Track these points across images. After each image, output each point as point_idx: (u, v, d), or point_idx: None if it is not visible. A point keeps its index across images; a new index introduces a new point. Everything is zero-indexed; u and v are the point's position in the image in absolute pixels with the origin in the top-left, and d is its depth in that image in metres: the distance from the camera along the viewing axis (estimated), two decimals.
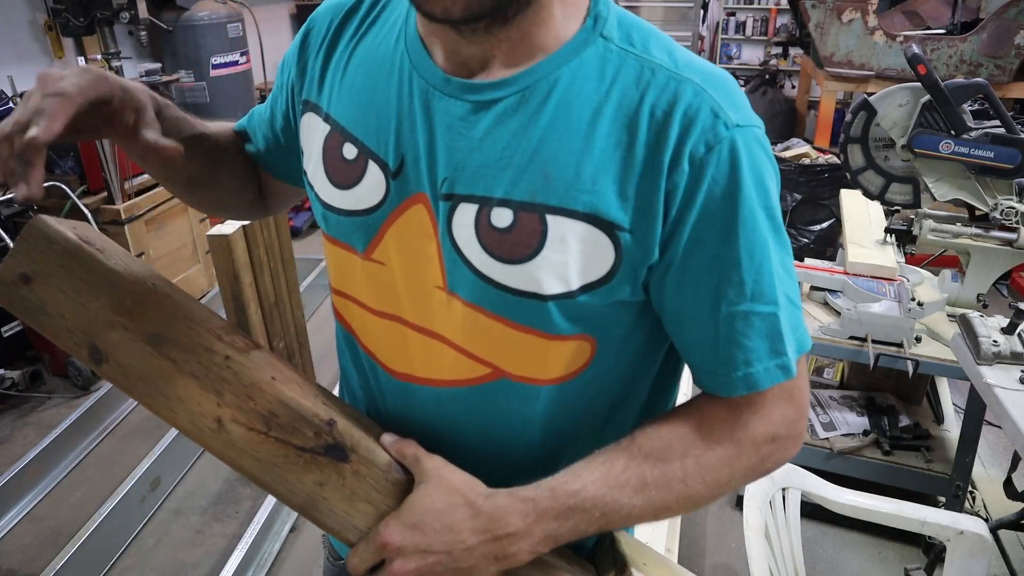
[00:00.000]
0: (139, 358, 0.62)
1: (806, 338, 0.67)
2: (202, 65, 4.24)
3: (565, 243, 0.60)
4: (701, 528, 2.36)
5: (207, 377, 0.62)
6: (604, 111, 0.60)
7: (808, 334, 0.68)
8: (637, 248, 0.61)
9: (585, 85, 0.61)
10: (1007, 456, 2.59)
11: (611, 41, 0.62)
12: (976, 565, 1.40)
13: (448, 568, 0.62)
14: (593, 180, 0.60)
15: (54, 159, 3.27)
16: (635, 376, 0.72)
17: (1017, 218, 1.95)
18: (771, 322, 0.63)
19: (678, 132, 0.59)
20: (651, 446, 0.65)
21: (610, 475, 0.63)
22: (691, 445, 0.65)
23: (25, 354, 3.21)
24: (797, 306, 0.66)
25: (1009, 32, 3.91)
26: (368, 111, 0.67)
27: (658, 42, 0.63)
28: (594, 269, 0.61)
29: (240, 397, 0.63)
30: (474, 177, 0.62)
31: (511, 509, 0.62)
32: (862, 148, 2.12)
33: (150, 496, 2.43)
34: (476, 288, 0.64)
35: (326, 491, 0.64)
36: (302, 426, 0.63)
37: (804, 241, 3.98)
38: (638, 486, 0.63)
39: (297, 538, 2.31)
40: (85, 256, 0.62)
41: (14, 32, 3.57)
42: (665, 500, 0.64)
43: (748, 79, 6.55)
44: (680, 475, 0.64)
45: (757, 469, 0.68)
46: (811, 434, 2.31)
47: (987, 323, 1.64)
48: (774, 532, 1.37)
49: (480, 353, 0.67)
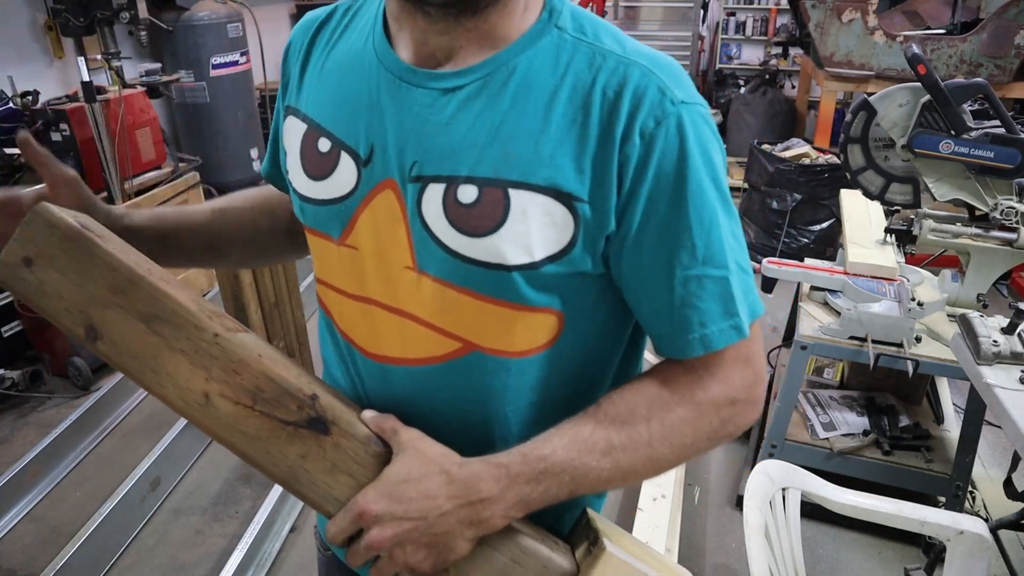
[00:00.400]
0: (132, 336, 0.65)
1: (758, 304, 0.71)
2: (202, 65, 4.24)
3: (527, 215, 0.64)
4: (701, 528, 2.36)
5: (196, 353, 0.66)
6: (560, 93, 0.65)
7: (760, 302, 0.72)
8: (594, 218, 0.65)
9: (542, 70, 0.66)
10: (1007, 456, 2.59)
11: (565, 31, 0.67)
12: (976, 565, 1.40)
13: (424, 534, 0.64)
14: (551, 156, 0.64)
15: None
16: (602, 352, 0.76)
17: (1017, 218, 1.95)
18: (723, 285, 0.67)
19: (628, 109, 0.64)
20: (616, 411, 0.68)
21: (578, 439, 0.66)
22: (654, 408, 0.69)
23: (25, 354, 3.21)
24: (748, 273, 0.70)
25: (1009, 32, 3.91)
26: (340, 107, 0.72)
27: (608, 32, 0.69)
28: (555, 240, 0.65)
29: (227, 372, 0.66)
30: (441, 159, 0.66)
31: (484, 475, 0.65)
32: (862, 148, 2.12)
33: (150, 496, 2.43)
34: (444, 264, 0.67)
35: (308, 463, 0.66)
36: (286, 400, 0.66)
37: (804, 241, 3.98)
38: (605, 449, 0.66)
39: (297, 538, 2.31)
40: (85, 240, 0.65)
41: (14, 32, 3.57)
42: (632, 462, 0.68)
43: (748, 79, 6.55)
44: (645, 438, 0.68)
45: (719, 432, 0.71)
46: (811, 434, 2.31)
47: (987, 323, 1.64)
48: (774, 532, 1.37)
49: (450, 328, 0.70)
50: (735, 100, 6.08)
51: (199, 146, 4.41)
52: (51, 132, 3.21)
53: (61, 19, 3.16)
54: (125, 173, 3.33)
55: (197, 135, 4.47)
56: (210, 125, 4.42)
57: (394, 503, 0.64)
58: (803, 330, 2.13)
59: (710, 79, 6.97)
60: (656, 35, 6.30)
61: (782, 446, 2.25)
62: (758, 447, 2.54)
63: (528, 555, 0.68)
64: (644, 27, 6.32)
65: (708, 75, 7.03)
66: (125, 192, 3.33)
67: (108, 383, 2.97)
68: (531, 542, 0.69)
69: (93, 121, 3.14)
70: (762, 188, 4.06)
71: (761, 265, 2.22)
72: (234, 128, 4.51)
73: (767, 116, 5.85)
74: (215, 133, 4.44)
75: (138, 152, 3.43)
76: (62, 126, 3.19)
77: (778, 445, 2.25)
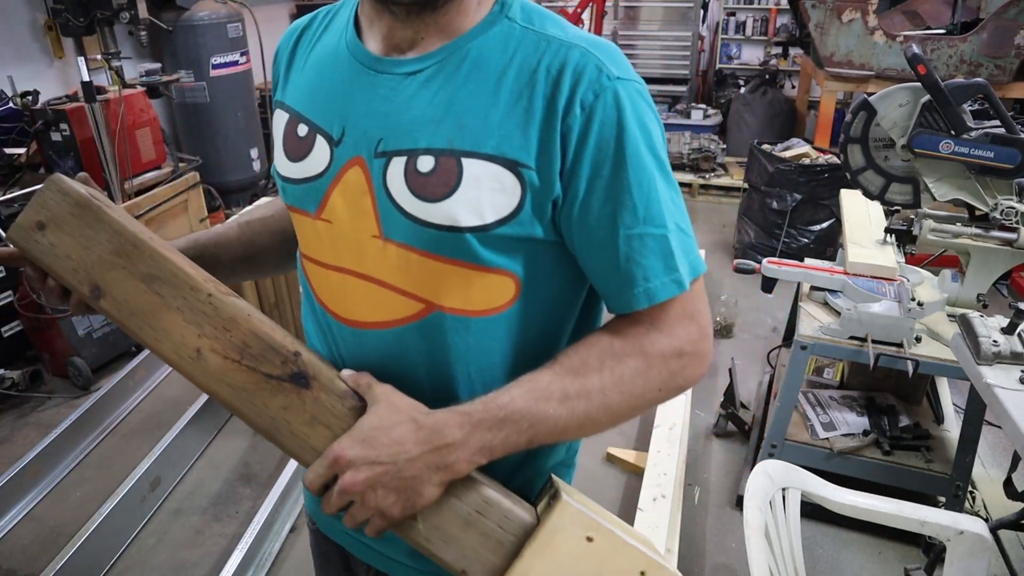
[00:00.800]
0: (133, 294, 0.73)
1: (700, 263, 0.77)
2: (202, 65, 4.24)
3: (479, 181, 0.71)
4: (701, 528, 2.36)
5: (190, 311, 0.73)
6: (508, 73, 0.72)
7: (702, 261, 0.78)
8: (540, 183, 0.72)
9: (492, 54, 0.73)
10: (1007, 456, 2.59)
11: (514, 22, 0.75)
12: (976, 565, 1.40)
13: (395, 477, 0.69)
14: (500, 127, 0.71)
15: (54, 159, 3.27)
16: (559, 317, 0.83)
17: (1017, 218, 1.95)
18: (663, 243, 0.73)
19: (570, 85, 0.71)
20: (571, 363, 0.74)
21: (536, 389, 0.72)
22: (606, 359, 0.74)
23: (25, 354, 3.21)
24: (688, 235, 0.76)
25: (1009, 32, 3.91)
26: (316, 96, 0.81)
27: (553, 22, 0.76)
28: (504, 204, 0.72)
29: (218, 329, 0.72)
30: (403, 134, 0.73)
31: (449, 421, 0.70)
32: (862, 148, 2.12)
33: (150, 496, 2.43)
34: (406, 230, 0.74)
35: (289, 415, 0.72)
36: (271, 355, 0.72)
37: (804, 241, 3.98)
38: (561, 398, 0.72)
39: (297, 538, 2.31)
40: (94, 207, 0.73)
41: (14, 32, 3.57)
42: (586, 409, 0.73)
43: (748, 79, 6.55)
44: (598, 386, 0.73)
45: (669, 384, 0.76)
46: (811, 434, 2.31)
47: (987, 323, 1.64)
48: (774, 532, 1.37)
49: (413, 289, 0.76)
50: (735, 100, 6.08)
51: (199, 146, 4.41)
52: (51, 132, 3.22)
53: (61, 19, 3.17)
54: (125, 173, 3.33)
55: (197, 135, 4.47)
56: (210, 125, 4.42)
57: (366, 448, 0.69)
58: (803, 330, 2.14)
59: (710, 79, 6.97)
60: (656, 35, 6.29)
61: (782, 446, 2.25)
62: (758, 447, 2.54)
63: (491, 506, 0.73)
64: (644, 27, 6.32)
65: (708, 75, 7.03)
66: (125, 192, 3.33)
67: (108, 383, 2.97)
68: (494, 494, 0.74)
69: (93, 121, 3.14)
70: (762, 188, 4.06)
71: (761, 265, 2.22)
72: (234, 128, 4.51)
73: (767, 116, 5.85)
74: (215, 133, 4.44)
75: (138, 152, 3.44)
76: (62, 126, 3.19)
77: (778, 445, 2.25)
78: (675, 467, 2.16)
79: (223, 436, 2.84)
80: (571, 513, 0.73)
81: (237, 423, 2.91)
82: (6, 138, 3.33)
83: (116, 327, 3.39)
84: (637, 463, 2.57)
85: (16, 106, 3.36)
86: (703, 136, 5.59)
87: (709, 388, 3.12)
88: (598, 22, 5.31)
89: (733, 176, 5.43)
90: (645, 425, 2.85)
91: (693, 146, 5.52)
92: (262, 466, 2.65)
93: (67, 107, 3.18)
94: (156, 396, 3.10)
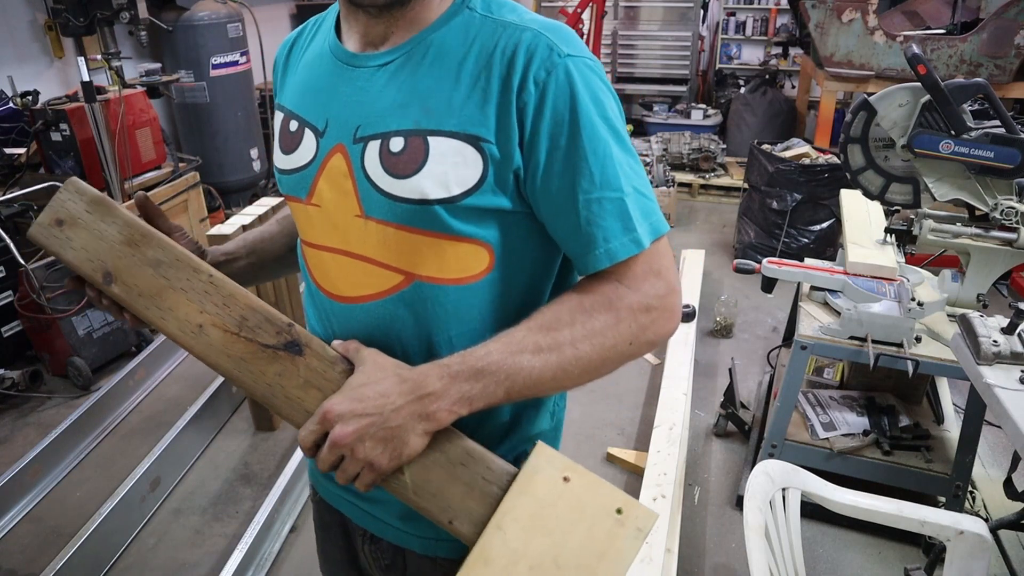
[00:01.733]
0: (141, 278, 0.81)
1: (661, 224, 0.81)
2: (202, 65, 4.24)
3: (444, 157, 0.77)
4: (701, 528, 2.36)
5: (193, 291, 0.80)
6: (468, 58, 0.79)
7: (664, 222, 0.81)
8: (500, 155, 0.77)
9: (453, 42, 0.80)
10: (1007, 456, 2.59)
11: (475, 11, 0.81)
12: (976, 565, 1.40)
13: (381, 428, 0.74)
14: (461, 107, 0.77)
15: (54, 159, 3.28)
16: (535, 284, 0.88)
17: (1017, 218, 1.95)
18: (619, 205, 0.78)
19: (523, 63, 0.76)
20: (543, 319, 0.78)
21: (511, 343, 0.76)
22: (576, 314, 0.78)
23: (25, 354, 3.21)
24: (648, 198, 0.80)
25: (1009, 32, 3.91)
26: (305, 94, 0.89)
27: (511, 9, 0.82)
28: (469, 176, 0.77)
29: (218, 306, 0.80)
30: (376, 120, 0.80)
31: (430, 373, 0.75)
32: (862, 148, 2.12)
33: (150, 496, 2.43)
34: (383, 206, 0.80)
35: (284, 380, 0.79)
36: (267, 327, 0.80)
37: (804, 241, 3.99)
38: (534, 350, 0.76)
39: (297, 538, 2.31)
40: (107, 204, 0.83)
41: (14, 32, 3.57)
42: (560, 362, 0.76)
43: (748, 79, 6.55)
44: (569, 339, 0.77)
45: (639, 337, 0.80)
46: (811, 434, 2.31)
47: (987, 323, 1.64)
48: (774, 532, 1.37)
49: (392, 262, 0.82)
50: (735, 100, 6.08)
51: (199, 146, 4.41)
52: (51, 132, 3.22)
53: (61, 19, 3.17)
54: (125, 173, 3.33)
55: (197, 135, 4.47)
56: (210, 125, 4.42)
57: (354, 403, 0.74)
58: (803, 330, 2.14)
59: (710, 79, 6.97)
60: (656, 35, 6.29)
61: (782, 446, 2.25)
62: (758, 447, 2.54)
63: (474, 458, 0.78)
64: (644, 27, 6.31)
65: (708, 75, 7.03)
66: (125, 192, 3.33)
67: (108, 383, 2.97)
68: (477, 447, 0.78)
69: (93, 121, 3.14)
70: (762, 188, 4.06)
71: (761, 265, 2.22)
72: (234, 128, 4.51)
73: (767, 116, 5.85)
74: (215, 133, 4.44)
75: (138, 152, 3.44)
76: (62, 126, 3.19)
77: (778, 445, 2.25)
78: (675, 467, 2.15)
79: (223, 436, 2.84)
80: (548, 455, 0.77)
81: (237, 423, 2.91)
82: (6, 138, 3.33)
83: (116, 327, 3.38)
84: (637, 463, 2.57)
85: (16, 106, 3.36)
86: (703, 136, 5.59)
87: (709, 388, 3.12)
88: (598, 22, 5.30)
89: (733, 176, 5.43)
90: (645, 425, 2.85)
91: (693, 146, 5.52)
92: (262, 466, 2.65)
93: (67, 107, 3.18)
94: (156, 396, 3.10)
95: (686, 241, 4.61)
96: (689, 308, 3.20)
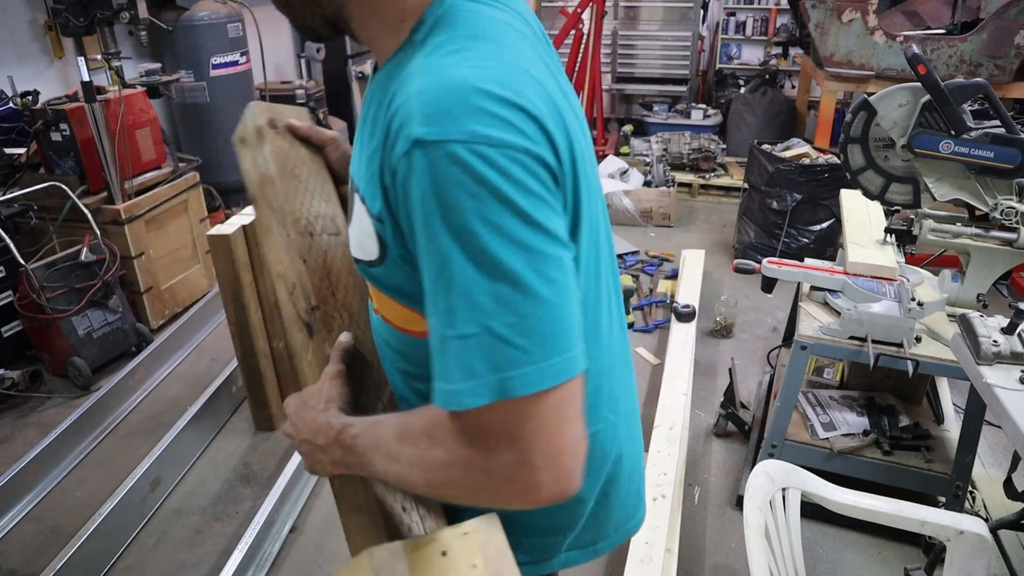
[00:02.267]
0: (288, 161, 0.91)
1: (521, 381, 0.59)
2: (202, 65, 4.24)
3: (360, 220, 0.72)
4: (701, 528, 2.36)
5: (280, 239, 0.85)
6: (380, 110, 0.67)
7: (537, 377, 0.59)
8: (388, 235, 0.68)
9: (383, 85, 0.70)
10: (1007, 456, 2.59)
11: (416, 45, 0.68)
12: (976, 565, 1.40)
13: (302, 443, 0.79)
14: (367, 170, 0.68)
15: (54, 159, 3.27)
16: None
17: (1017, 218, 1.95)
18: (459, 347, 0.60)
19: (392, 141, 0.62)
20: (406, 425, 0.70)
21: (375, 436, 0.72)
22: (422, 439, 0.67)
23: (25, 354, 3.21)
24: (509, 344, 0.58)
25: (1009, 32, 3.91)
26: None
27: (449, 44, 0.64)
28: (372, 249, 0.71)
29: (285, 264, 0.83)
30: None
31: (324, 428, 0.76)
32: (862, 148, 2.12)
33: (150, 496, 2.43)
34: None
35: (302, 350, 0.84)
36: (301, 302, 0.84)
37: (804, 241, 3.99)
38: (385, 455, 0.70)
39: (297, 538, 2.31)
40: (263, 134, 0.91)
41: (14, 32, 3.57)
42: (399, 476, 0.70)
43: (748, 79, 6.55)
44: (407, 460, 0.68)
45: (494, 499, 0.66)
46: (811, 434, 2.31)
47: (987, 323, 1.64)
48: (774, 532, 1.37)
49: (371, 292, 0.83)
50: (735, 100, 6.08)
51: (199, 146, 4.41)
52: (51, 132, 3.21)
53: (61, 19, 3.16)
54: (125, 173, 3.33)
55: (197, 135, 4.47)
56: (210, 125, 4.42)
57: (295, 411, 0.80)
58: (803, 330, 2.14)
59: (710, 79, 6.97)
60: (656, 35, 6.29)
61: (782, 446, 2.25)
62: (758, 447, 2.54)
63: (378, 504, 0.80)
64: (644, 27, 6.31)
65: (708, 75, 7.03)
66: (125, 192, 3.33)
67: (108, 383, 2.98)
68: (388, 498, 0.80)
69: (93, 121, 3.14)
70: (762, 188, 4.06)
71: (761, 265, 2.22)
72: (234, 128, 4.49)
73: (767, 116, 5.85)
74: (215, 133, 4.44)
75: (138, 152, 3.43)
76: (62, 126, 3.19)
77: (778, 445, 2.25)
78: (675, 467, 2.15)
79: (223, 436, 2.84)
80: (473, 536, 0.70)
81: (237, 423, 2.91)
82: (6, 138, 3.33)
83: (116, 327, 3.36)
84: None
85: (16, 106, 3.35)
86: (703, 136, 5.58)
87: (709, 388, 3.12)
88: (598, 22, 5.30)
89: (733, 176, 5.43)
90: (645, 425, 2.84)
91: (693, 146, 5.52)
92: (262, 466, 2.65)
93: (67, 107, 3.18)
94: (156, 396, 3.10)
95: (686, 241, 4.62)
96: (689, 308, 3.20)
